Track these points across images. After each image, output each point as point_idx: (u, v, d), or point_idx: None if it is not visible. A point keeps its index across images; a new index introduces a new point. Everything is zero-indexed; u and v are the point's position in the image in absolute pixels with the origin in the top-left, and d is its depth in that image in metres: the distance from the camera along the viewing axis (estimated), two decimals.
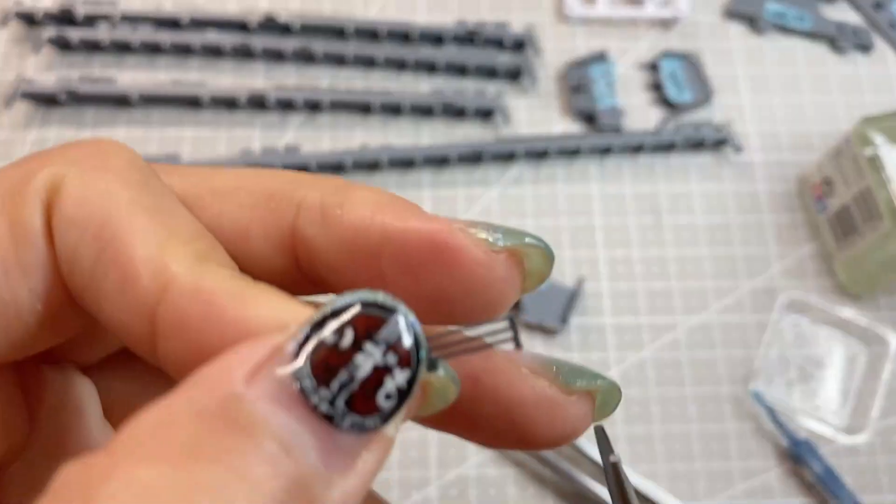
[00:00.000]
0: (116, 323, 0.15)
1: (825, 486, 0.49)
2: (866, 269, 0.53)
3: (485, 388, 0.18)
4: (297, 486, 0.12)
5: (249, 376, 0.13)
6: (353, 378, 0.13)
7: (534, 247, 0.17)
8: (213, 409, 0.12)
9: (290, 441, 0.12)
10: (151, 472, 0.11)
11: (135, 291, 0.15)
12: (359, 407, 0.13)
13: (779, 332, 0.53)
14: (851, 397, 0.52)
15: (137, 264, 0.15)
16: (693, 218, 0.57)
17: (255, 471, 0.12)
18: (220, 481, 0.12)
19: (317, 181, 0.17)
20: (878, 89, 0.62)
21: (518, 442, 0.18)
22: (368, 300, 0.14)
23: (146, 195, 0.16)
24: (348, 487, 0.13)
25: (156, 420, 0.12)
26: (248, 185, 0.17)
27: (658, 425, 0.51)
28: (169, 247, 0.15)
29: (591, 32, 0.63)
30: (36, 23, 0.58)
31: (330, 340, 0.13)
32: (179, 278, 0.14)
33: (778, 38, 0.63)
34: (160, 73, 0.58)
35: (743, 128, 0.60)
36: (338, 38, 0.59)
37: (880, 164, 0.50)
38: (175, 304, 0.14)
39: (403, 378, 0.14)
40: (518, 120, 0.59)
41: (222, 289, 0.14)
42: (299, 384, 0.13)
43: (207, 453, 0.12)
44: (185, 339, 0.14)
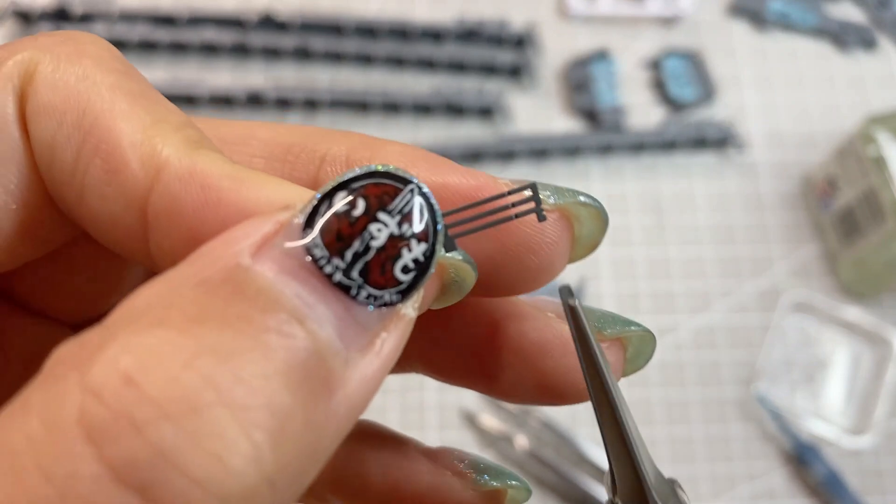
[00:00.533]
0: (102, 219, 0.14)
1: (829, 489, 0.48)
2: (870, 270, 0.52)
3: (507, 334, 0.16)
4: (312, 360, 0.11)
5: (255, 249, 0.12)
6: (369, 248, 0.12)
7: (588, 206, 0.15)
8: (217, 278, 0.11)
9: (303, 311, 0.11)
10: (152, 338, 0.11)
11: (123, 180, 0.13)
12: (375, 278, 0.12)
13: (782, 332, 0.53)
14: (855, 398, 0.52)
15: (125, 150, 0.13)
16: (695, 217, 0.56)
17: (267, 340, 0.11)
18: (228, 346, 0.11)
19: (341, 135, 0.16)
20: (882, 87, 0.62)
21: (541, 392, 0.17)
22: (379, 170, 0.13)
23: (129, 81, 0.14)
24: (368, 369, 0.12)
25: (154, 292, 0.11)
26: (261, 136, 0.16)
27: (661, 427, 0.50)
28: (158, 131, 0.14)
29: (593, 30, 0.62)
30: (32, 21, 0.58)
31: (341, 210, 0.12)
32: (172, 162, 0.13)
33: (781, 36, 0.63)
34: (157, 71, 0.58)
35: (746, 126, 0.59)
36: (336, 35, 0.59)
37: (885, 164, 0.50)
38: (168, 190, 0.13)
39: (421, 251, 0.13)
40: (518, 118, 0.58)
41: (219, 172, 0.13)
42: (310, 253, 0.12)
43: (214, 318, 0.11)
44: (180, 227, 0.13)
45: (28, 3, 0.57)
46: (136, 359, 0.10)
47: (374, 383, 0.12)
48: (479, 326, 0.17)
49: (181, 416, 0.10)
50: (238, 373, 0.11)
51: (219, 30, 0.58)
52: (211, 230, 0.13)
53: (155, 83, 0.57)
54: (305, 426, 0.11)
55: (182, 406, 0.10)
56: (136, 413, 0.10)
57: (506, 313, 0.16)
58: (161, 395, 0.10)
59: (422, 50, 0.59)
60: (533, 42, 0.60)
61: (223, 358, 0.11)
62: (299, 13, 0.59)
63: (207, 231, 0.13)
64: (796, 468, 0.49)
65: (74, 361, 0.11)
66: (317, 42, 0.58)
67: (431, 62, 0.59)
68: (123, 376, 0.10)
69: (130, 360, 0.10)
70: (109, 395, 0.10)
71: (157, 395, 0.10)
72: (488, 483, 0.18)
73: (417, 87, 0.58)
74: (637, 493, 0.15)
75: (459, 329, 0.17)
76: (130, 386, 0.10)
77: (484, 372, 0.17)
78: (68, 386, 0.10)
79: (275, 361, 0.11)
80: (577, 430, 0.49)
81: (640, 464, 0.15)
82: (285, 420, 0.11)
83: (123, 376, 0.10)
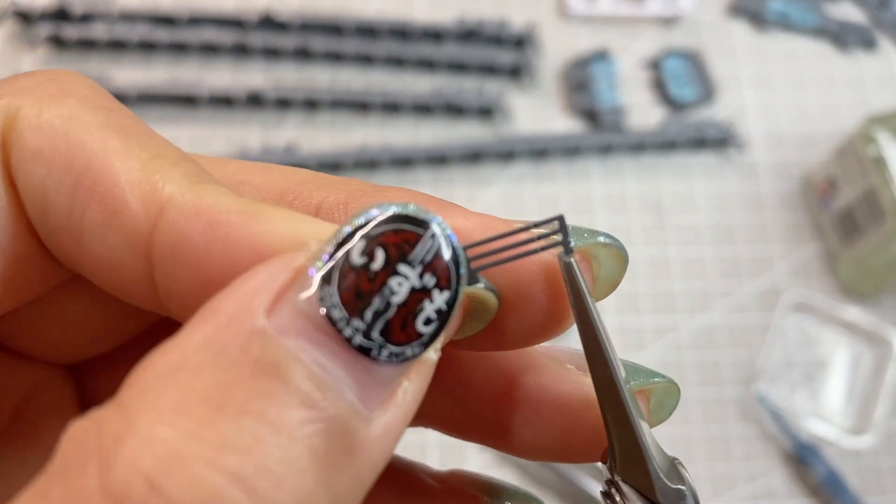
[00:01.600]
0: (104, 264, 0.13)
1: (829, 489, 0.48)
2: (871, 270, 0.52)
3: (524, 389, 0.15)
4: (336, 428, 0.11)
5: (271, 306, 0.11)
6: (389, 305, 0.12)
7: (609, 246, 0.15)
8: (235, 349, 0.11)
9: (323, 380, 0.11)
10: (173, 431, 0.10)
11: (123, 222, 0.13)
12: (396, 336, 0.12)
13: (782, 332, 0.53)
14: (855, 398, 0.52)
15: (123, 190, 0.13)
16: (696, 217, 0.56)
17: (288, 418, 0.11)
18: (251, 436, 0.10)
19: (338, 181, 0.15)
20: (882, 87, 0.61)
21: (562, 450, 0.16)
22: (398, 214, 0.12)
23: (118, 119, 0.14)
24: (390, 421, 0.12)
25: (169, 366, 0.11)
26: (254, 181, 0.15)
27: (661, 427, 0.50)
28: (157, 167, 0.13)
29: (593, 30, 0.62)
30: (32, 21, 0.58)
31: (358, 263, 0.11)
32: (175, 199, 0.12)
33: (781, 36, 0.63)
34: (157, 72, 0.58)
35: (746, 126, 0.59)
36: (337, 35, 0.59)
37: (885, 164, 0.50)
38: (174, 229, 0.12)
39: (443, 300, 0.12)
40: (518, 118, 0.58)
41: (227, 207, 0.12)
42: (328, 314, 0.11)
43: (233, 403, 0.10)
44: (188, 268, 0.12)
45: (28, 3, 0.57)
46: (158, 459, 0.10)
47: (396, 435, 0.12)
48: (494, 381, 0.16)
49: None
50: (262, 463, 0.10)
51: (219, 30, 0.58)
52: (222, 270, 0.12)
53: (155, 83, 0.57)
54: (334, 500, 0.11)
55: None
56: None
57: (522, 366, 0.16)
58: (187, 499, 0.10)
59: (422, 50, 0.59)
60: (533, 42, 0.60)
61: (246, 449, 0.10)
62: (299, 13, 0.59)
63: (218, 271, 0.12)
64: (796, 468, 0.49)
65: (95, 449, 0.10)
66: (317, 42, 0.58)
67: (431, 62, 0.59)
68: (147, 480, 0.10)
69: (153, 461, 0.10)
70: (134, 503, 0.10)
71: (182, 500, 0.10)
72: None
73: (417, 87, 0.58)
74: (640, 471, 0.14)
75: (472, 383, 0.16)
76: (155, 492, 0.10)
77: (499, 429, 0.16)
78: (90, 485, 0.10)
79: (298, 444, 0.11)
80: None
81: (643, 439, 0.14)
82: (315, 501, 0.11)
83: (147, 480, 0.10)
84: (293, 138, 0.56)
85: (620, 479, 0.14)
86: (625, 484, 0.14)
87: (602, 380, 0.14)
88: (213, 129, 0.57)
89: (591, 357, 0.14)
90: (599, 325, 0.14)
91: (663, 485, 0.14)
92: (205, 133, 0.56)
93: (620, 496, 0.14)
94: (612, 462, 0.15)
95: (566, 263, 0.14)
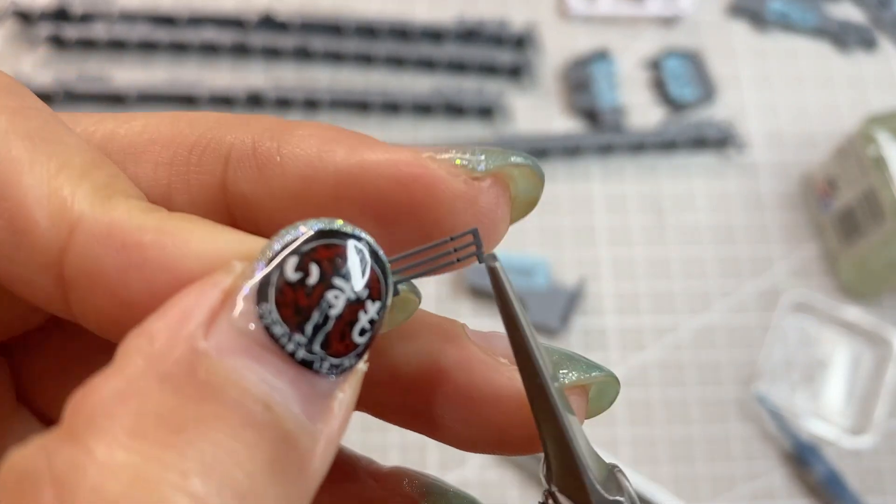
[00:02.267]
0: (15, 280, 0.13)
1: (829, 489, 0.48)
2: (870, 269, 0.52)
3: (456, 383, 0.15)
4: (285, 445, 0.11)
5: (206, 326, 0.11)
6: (328, 318, 0.12)
7: (522, 166, 0.14)
8: (180, 372, 0.11)
9: (270, 396, 0.11)
10: (136, 456, 0.10)
11: (32, 240, 0.12)
12: (336, 348, 0.12)
13: (782, 332, 0.53)
14: (855, 398, 0.52)
15: (30, 207, 0.12)
16: (696, 217, 0.56)
17: (242, 438, 0.11)
18: (211, 455, 0.10)
19: (246, 122, 0.14)
20: (882, 87, 0.61)
21: (495, 443, 0.16)
22: (326, 229, 0.12)
23: (24, 121, 0.13)
24: (331, 433, 0.12)
25: (114, 391, 0.11)
26: (162, 138, 0.14)
27: (661, 427, 0.50)
28: (65, 180, 0.12)
29: (593, 30, 0.62)
30: (32, 21, 0.58)
31: (294, 279, 0.11)
32: (86, 218, 0.12)
33: (781, 36, 0.63)
34: (157, 72, 0.58)
35: (746, 126, 0.59)
36: (336, 35, 0.59)
37: (885, 164, 0.50)
38: (85, 251, 0.12)
39: (375, 310, 0.12)
40: (518, 118, 0.58)
41: (138, 226, 0.12)
42: (269, 331, 0.11)
43: (187, 425, 0.10)
44: (103, 290, 0.12)
45: (28, 3, 0.57)
46: (123, 486, 0.10)
47: (336, 442, 0.12)
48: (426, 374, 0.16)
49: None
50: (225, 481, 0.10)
51: (219, 30, 0.58)
52: (138, 294, 0.12)
53: (155, 83, 0.57)
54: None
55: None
56: None
57: (454, 360, 0.15)
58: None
59: (422, 50, 0.59)
60: (533, 42, 0.60)
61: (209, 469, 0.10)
62: (299, 13, 0.59)
63: (134, 295, 0.12)
64: (796, 468, 0.49)
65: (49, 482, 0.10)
66: (317, 42, 0.58)
67: (431, 62, 0.59)
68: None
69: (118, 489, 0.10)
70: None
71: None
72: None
73: (417, 87, 0.58)
74: (575, 480, 0.14)
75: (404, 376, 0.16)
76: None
77: (433, 421, 0.16)
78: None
79: (255, 459, 0.11)
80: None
81: (577, 449, 0.14)
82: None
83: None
84: None
85: (557, 490, 0.14)
86: (561, 495, 0.14)
87: (533, 388, 0.14)
88: None
89: (521, 365, 0.14)
90: (527, 330, 0.14)
91: (600, 497, 0.14)
92: None
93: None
94: (549, 473, 0.14)
95: (491, 268, 0.14)
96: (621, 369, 0.51)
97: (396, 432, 0.49)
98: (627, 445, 0.50)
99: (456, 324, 0.16)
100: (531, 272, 0.52)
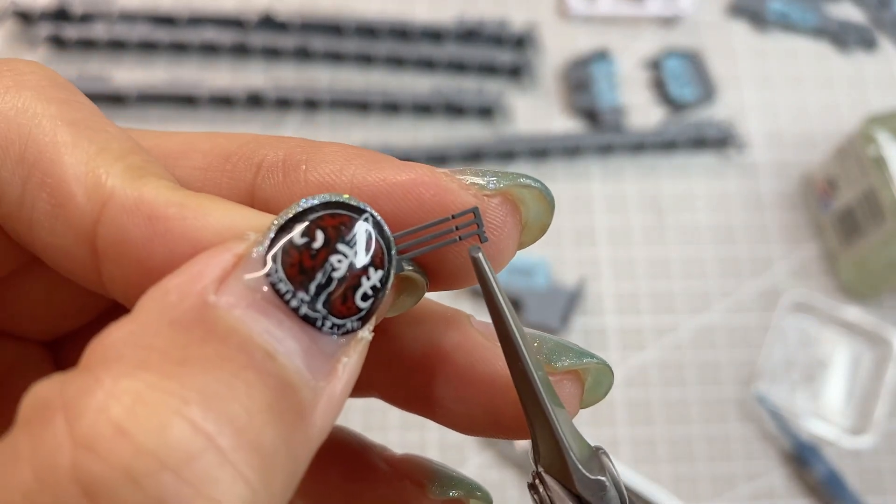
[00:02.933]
0: (53, 251, 0.14)
1: (829, 489, 0.48)
2: (870, 269, 0.52)
3: (457, 366, 0.16)
4: (286, 392, 0.12)
5: (217, 284, 0.12)
6: (331, 280, 0.13)
7: (530, 188, 0.15)
8: (189, 318, 0.12)
9: (274, 346, 0.12)
10: (138, 382, 0.11)
11: (69, 213, 0.14)
12: (338, 309, 0.13)
13: (782, 332, 0.53)
14: (855, 398, 0.52)
15: (70, 183, 0.13)
16: (696, 217, 0.56)
17: (244, 377, 0.11)
18: (212, 388, 0.11)
19: (281, 140, 0.16)
20: (882, 87, 0.61)
21: (490, 425, 0.17)
22: (333, 200, 0.13)
23: (71, 110, 0.14)
24: (333, 393, 0.12)
25: (128, 333, 0.12)
26: (201, 147, 0.16)
27: (661, 427, 0.50)
28: (102, 161, 0.14)
29: (593, 30, 0.62)
30: (32, 21, 0.58)
31: (300, 242, 0.12)
32: (117, 193, 0.13)
33: (781, 36, 0.63)
34: (157, 72, 0.58)
35: (746, 126, 0.59)
36: (336, 35, 0.59)
37: (885, 164, 0.50)
38: (115, 222, 0.13)
39: (378, 278, 0.13)
40: (518, 118, 0.58)
41: (165, 200, 0.13)
42: (274, 288, 0.12)
43: (193, 360, 0.11)
44: (130, 258, 0.13)
45: (28, 3, 0.57)
46: (125, 407, 0.10)
47: (339, 406, 0.13)
48: (429, 356, 0.17)
49: (178, 465, 0.10)
50: (224, 414, 0.11)
51: (219, 30, 0.58)
52: (161, 261, 0.13)
53: (155, 83, 0.57)
54: (287, 457, 0.12)
55: (177, 455, 0.10)
56: (132, 465, 0.10)
57: (455, 343, 0.16)
58: (155, 445, 0.10)
59: (422, 50, 0.59)
60: (533, 42, 0.60)
61: (208, 401, 0.11)
62: (299, 13, 0.59)
63: (157, 262, 0.13)
64: (796, 468, 0.49)
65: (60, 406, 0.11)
66: (317, 42, 0.58)
67: (431, 62, 0.59)
68: (115, 426, 0.10)
69: (120, 409, 0.10)
70: (103, 448, 0.10)
71: (151, 446, 0.10)
72: (445, 493, 0.18)
73: (417, 87, 0.58)
74: (559, 460, 0.15)
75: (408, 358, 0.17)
76: (123, 437, 0.10)
77: (434, 402, 0.17)
78: (58, 435, 0.10)
79: (254, 399, 0.11)
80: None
81: (560, 430, 0.14)
82: (271, 455, 0.11)
83: (115, 426, 0.10)
84: None
85: (543, 471, 0.15)
86: (547, 475, 0.15)
87: (517, 373, 0.15)
88: (213, 129, 0.56)
89: (506, 351, 0.15)
90: (509, 317, 0.15)
91: (582, 475, 0.14)
92: None
93: (544, 487, 0.15)
94: (536, 454, 0.15)
95: (474, 258, 0.14)
96: (621, 369, 0.51)
97: (396, 432, 0.49)
98: (627, 445, 0.50)
99: (460, 312, 0.17)
100: (531, 272, 0.52)
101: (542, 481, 0.15)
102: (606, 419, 0.50)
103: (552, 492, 0.15)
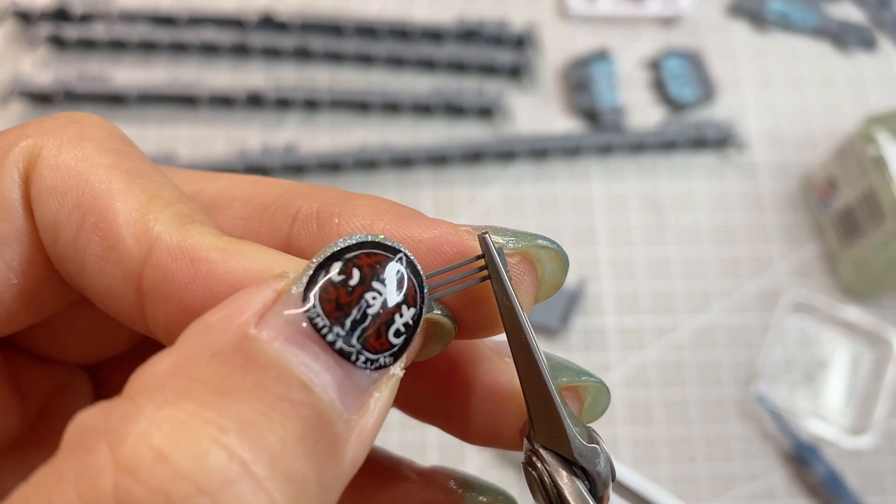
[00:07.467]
0: (102, 291, 0.15)
1: (829, 489, 0.48)
2: (870, 270, 0.52)
3: (465, 377, 0.17)
4: (320, 424, 0.12)
5: (258, 318, 0.13)
6: (366, 316, 0.13)
7: (547, 249, 0.16)
8: (230, 350, 0.12)
9: (310, 378, 0.12)
10: (179, 411, 0.11)
11: (119, 255, 0.15)
12: (372, 344, 0.13)
13: (782, 332, 0.53)
14: (855, 398, 0.52)
15: (121, 228, 0.15)
16: (696, 217, 0.56)
17: (280, 407, 0.12)
18: (249, 417, 0.11)
19: (316, 191, 0.17)
20: (882, 87, 0.61)
21: (492, 437, 0.17)
22: (369, 240, 0.14)
23: (125, 161, 0.16)
24: (366, 427, 0.13)
25: (171, 364, 0.12)
26: (243, 196, 0.17)
27: (660, 427, 0.50)
28: (151, 209, 0.15)
29: (593, 30, 0.62)
30: (32, 21, 0.58)
31: (338, 280, 0.13)
32: (163, 238, 0.14)
33: (781, 37, 0.63)
34: (157, 72, 0.58)
35: (746, 126, 0.59)
36: (336, 35, 0.59)
37: (885, 164, 0.50)
38: (160, 264, 0.14)
39: (410, 315, 0.14)
40: (518, 118, 0.58)
41: (207, 245, 0.14)
42: (312, 323, 0.13)
43: (232, 390, 0.12)
44: (173, 298, 0.14)
45: (28, 3, 0.57)
46: (166, 434, 0.11)
47: (370, 440, 0.13)
48: (441, 368, 0.17)
49: (214, 491, 0.11)
50: (259, 443, 0.11)
51: (219, 30, 0.58)
52: (201, 300, 0.14)
53: (155, 83, 0.57)
54: (318, 486, 0.12)
55: (214, 481, 0.11)
56: (171, 489, 0.11)
57: (465, 357, 0.17)
58: (193, 470, 0.11)
59: (422, 50, 0.59)
60: (533, 42, 0.60)
61: (245, 429, 0.11)
62: (299, 13, 0.59)
63: (198, 302, 0.14)
64: (796, 468, 0.49)
65: (103, 432, 0.11)
66: (317, 42, 0.58)
67: (431, 62, 0.59)
68: (155, 452, 0.11)
69: (161, 436, 0.11)
70: (144, 473, 0.11)
71: (189, 471, 0.11)
72: (475, 499, 0.18)
73: (417, 87, 0.58)
74: (557, 433, 0.15)
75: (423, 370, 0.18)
76: (163, 462, 0.11)
77: (445, 412, 0.18)
78: (101, 460, 0.11)
79: (289, 429, 0.12)
80: None
81: (558, 401, 0.15)
82: (303, 484, 0.12)
83: (155, 452, 0.11)
84: (293, 138, 0.56)
85: (540, 446, 0.15)
86: (544, 449, 0.15)
87: (518, 347, 0.15)
88: (213, 129, 0.57)
89: (507, 326, 0.15)
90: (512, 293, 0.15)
91: (579, 443, 0.15)
92: (205, 133, 0.56)
93: (541, 462, 0.15)
94: (532, 432, 0.16)
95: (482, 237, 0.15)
96: (621, 369, 0.51)
97: (396, 432, 0.49)
98: (627, 445, 0.50)
99: None
100: None
101: (538, 457, 0.15)
102: (606, 419, 0.50)
103: (549, 464, 0.15)
